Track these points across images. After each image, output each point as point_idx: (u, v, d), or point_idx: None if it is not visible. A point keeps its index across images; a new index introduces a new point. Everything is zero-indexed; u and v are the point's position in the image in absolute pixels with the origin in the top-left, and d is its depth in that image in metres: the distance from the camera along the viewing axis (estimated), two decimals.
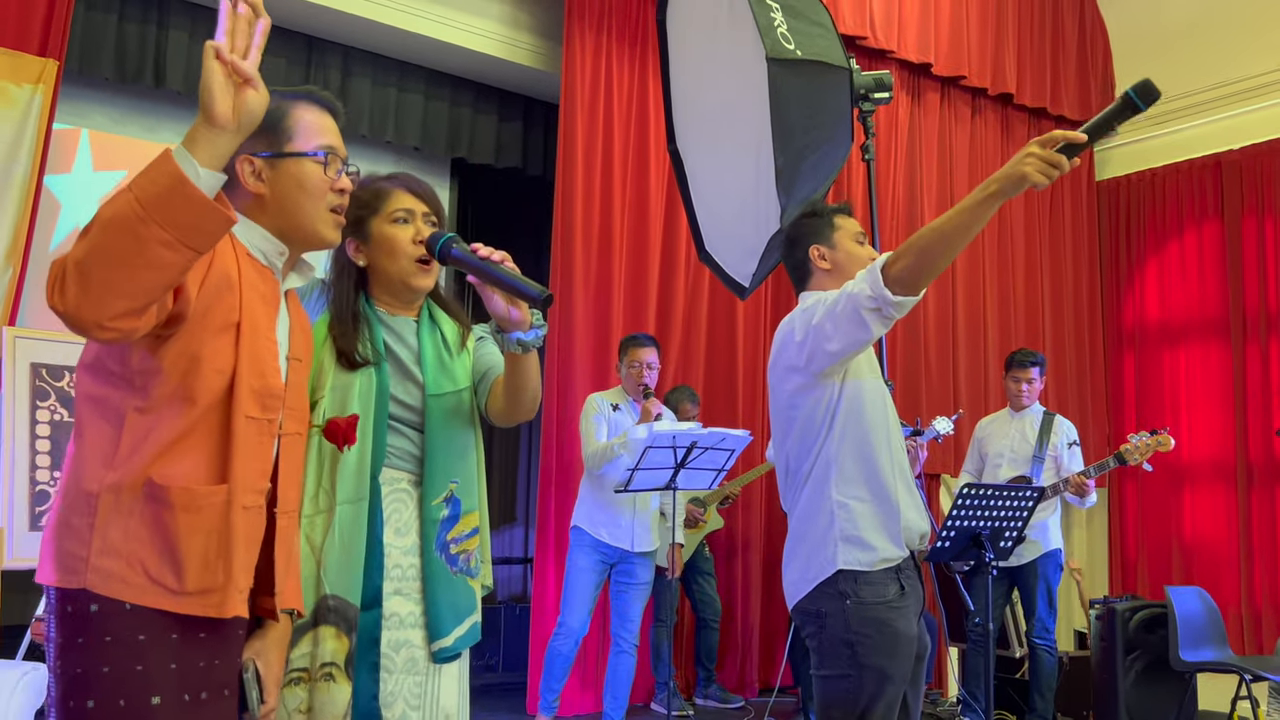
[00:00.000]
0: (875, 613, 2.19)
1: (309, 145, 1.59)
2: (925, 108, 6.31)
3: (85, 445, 1.45)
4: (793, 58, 2.70)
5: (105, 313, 1.28)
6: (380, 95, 5.35)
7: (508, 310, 1.82)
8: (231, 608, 1.46)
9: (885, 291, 2.05)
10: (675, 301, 5.38)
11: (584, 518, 4.25)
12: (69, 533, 1.43)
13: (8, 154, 3.71)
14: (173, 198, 1.28)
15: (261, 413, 1.52)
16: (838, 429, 2.26)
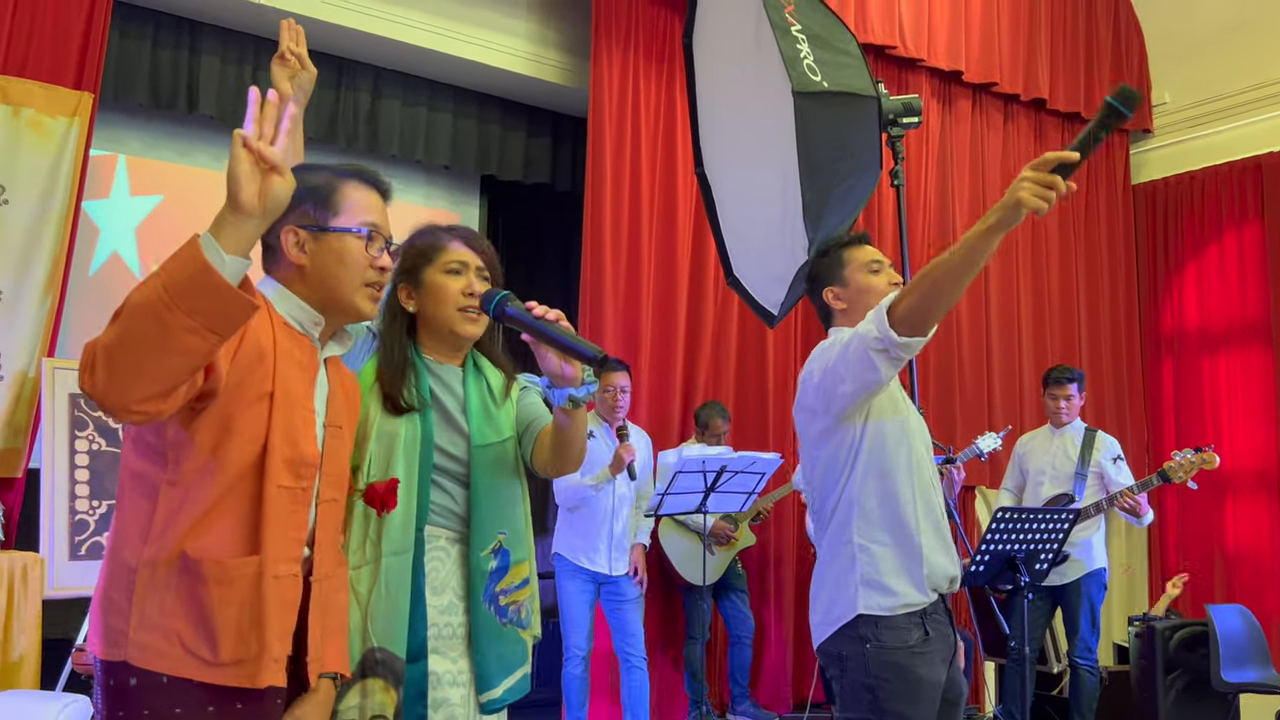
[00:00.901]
0: (896, 658, 2.15)
1: (354, 222, 1.63)
2: (956, 116, 6.25)
3: (124, 519, 1.49)
4: (820, 90, 2.68)
5: (131, 396, 1.31)
6: (410, 115, 5.38)
7: (560, 367, 1.83)
8: (266, 678, 1.48)
9: (890, 332, 2.02)
10: (705, 317, 5.36)
11: (563, 545, 4.38)
12: (111, 606, 1.46)
13: (45, 187, 3.77)
14: (198, 286, 1.30)
15: (295, 481, 1.54)
16: (859, 471, 2.23)
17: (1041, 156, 1.84)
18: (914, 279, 2.03)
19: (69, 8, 3.85)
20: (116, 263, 5.12)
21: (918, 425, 2.34)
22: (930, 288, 1.97)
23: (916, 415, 2.39)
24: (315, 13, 4.71)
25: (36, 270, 3.73)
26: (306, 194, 1.61)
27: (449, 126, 5.49)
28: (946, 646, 2.25)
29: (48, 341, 3.75)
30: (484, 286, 1.97)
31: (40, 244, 3.74)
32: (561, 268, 6.12)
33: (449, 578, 1.92)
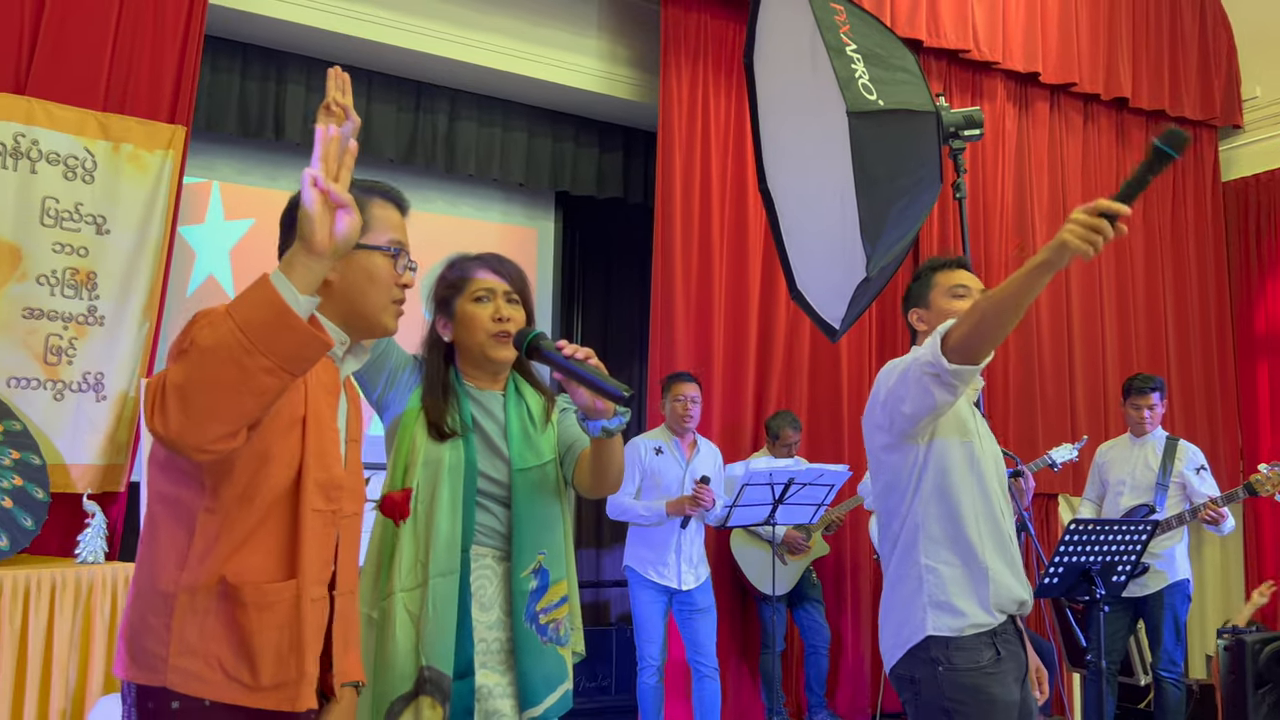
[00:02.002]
0: (970, 679, 2.16)
1: (382, 240, 1.64)
2: (1034, 118, 6.16)
3: (159, 545, 1.49)
4: (875, 109, 2.71)
5: (206, 437, 1.32)
6: (486, 135, 5.53)
7: (592, 401, 1.89)
8: (305, 701, 1.50)
9: (942, 360, 2.05)
10: (776, 326, 5.39)
11: (634, 558, 4.40)
12: (147, 631, 1.46)
13: (143, 216, 3.98)
14: (276, 328, 1.31)
15: (326, 504, 1.55)
16: (924, 492, 2.24)
17: (1094, 202, 1.86)
18: (967, 309, 2.06)
19: (164, 46, 4.06)
20: (212, 284, 5.37)
21: (990, 450, 2.34)
22: (979, 320, 2.00)
23: (989, 437, 2.38)
24: (394, 40, 4.88)
25: (136, 296, 3.95)
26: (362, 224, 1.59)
27: (523, 145, 5.62)
28: (1019, 666, 2.24)
29: (146, 362, 3.96)
30: (512, 310, 2.04)
31: (139, 271, 3.96)
32: (637, 280, 6.20)
33: (496, 595, 2.00)
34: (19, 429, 3.55)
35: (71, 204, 3.83)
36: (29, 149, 3.75)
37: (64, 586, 3.25)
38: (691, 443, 4.48)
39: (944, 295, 2.40)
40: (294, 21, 4.68)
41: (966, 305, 2.36)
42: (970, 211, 5.88)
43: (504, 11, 5.16)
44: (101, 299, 3.88)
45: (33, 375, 3.73)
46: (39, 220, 3.77)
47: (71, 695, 3.25)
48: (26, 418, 3.64)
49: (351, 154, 1.44)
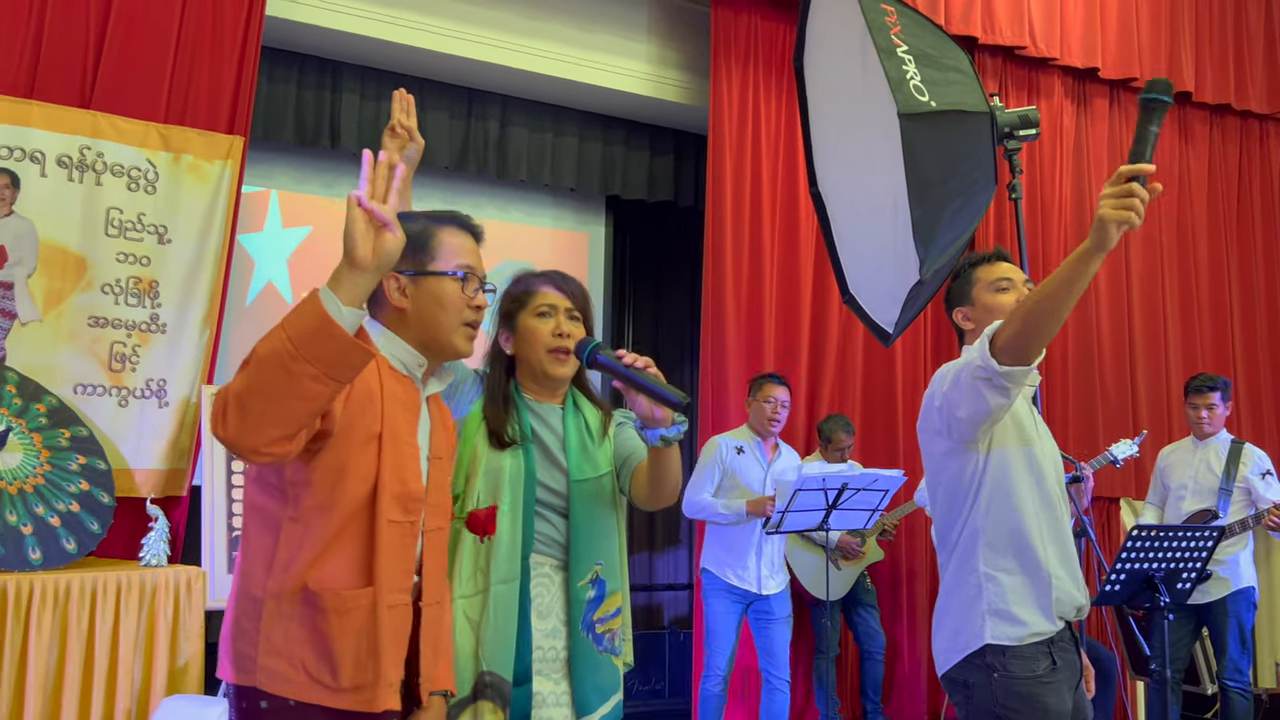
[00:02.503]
0: (1024, 687, 2.12)
1: (449, 265, 1.72)
2: (1093, 114, 6.04)
3: (250, 553, 1.60)
4: (926, 110, 2.67)
5: (261, 440, 1.41)
6: (536, 141, 5.56)
7: (651, 410, 1.90)
8: (382, 703, 1.57)
9: (992, 362, 2.00)
10: (829, 329, 5.35)
11: (711, 560, 4.32)
12: (241, 634, 1.57)
13: (203, 226, 4.07)
14: (320, 336, 1.40)
15: (404, 515, 1.63)
16: (983, 498, 2.20)
17: (1116, 171, 1.82)
18: (1014, 308, 2.01)
19: (222, 58, 4.15)
20: (271, 292, 5.46)
21: (1049, 451, 2.28)
22: (1028, 317, 1.95)
23: (1048, 437, 2.33)
24: (447, 47, 4.93)
25: (196, 304, 4.03)
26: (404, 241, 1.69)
27: (574, 150, 5.64)
28: (1073, 674, 2.20)
29: (207, 369, 4.04)
30: (572, 327, 2.07)
31: (199, 279, 4.04)
32: (688, 284, 6.20)
33: (553, 603, 2.02)
34: (85, 435, 3.64)
35: (134, 214, 3.93)
36: (94, 161, 3.85)
37: (129, 589, 3.33)
38: (774, 445, 4.43)
39: (987, 290, 2.35)
40: (348, 31, 4.74)
41: (1011, 299, 2.31)
42: (1028, 211, 5.78)
43: (555, 17, 5.18)
44: (163, 307, 3.97)
45: (98, 382, 3.82)
46: (103, 231, 3.87)
47: (136, 695, 3.33)
48: (92, 423, 3.74)
49: (403, 178, 1.51)
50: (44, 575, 3.17)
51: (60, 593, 3.19)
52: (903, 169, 2.71)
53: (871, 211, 3.16)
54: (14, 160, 3.72)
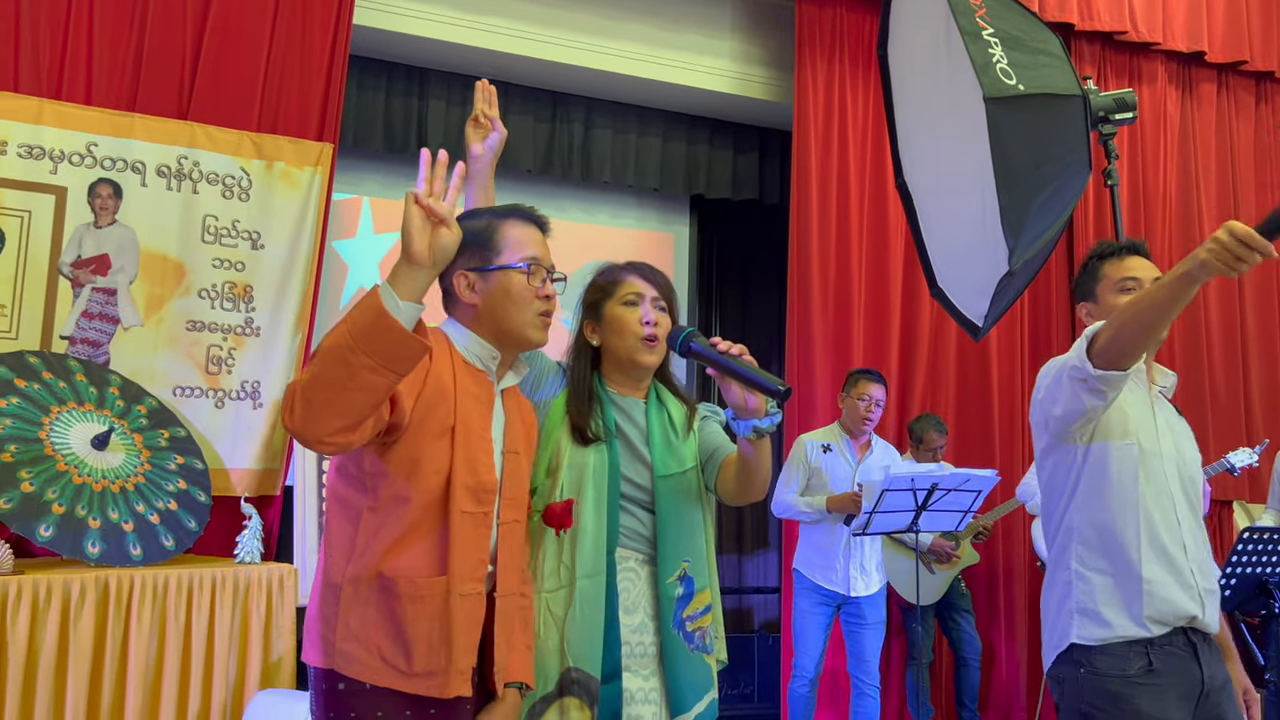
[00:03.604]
0: (1111, 685, 2.04)
1: (515, 258, 1.74)
2: (1200, 100, 5.78)
3: (332, 541, 1.65)
4: (1014, 94, 2.58)
5: (324, 430, 1.46)
6: (620, 142, 5.56)
7: (744, 399, 1.87)
8: (453, 689, 1.60)
9: (1087, 364, 1.96)
10: (920, 327, 5.22)
11: (802, 561, 4.26)
12: (322, 619, 1.63)
13: (294, 231, 4.17)
14: (377, 329, 1.44)
15: (476, 507, 1.66)
16: (1080, 496, 2.14)
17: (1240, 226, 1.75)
18: (1115, 312, 1.96)
19: (312, 68, 4.25)
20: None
21: (1173, 452, 2.18)
22: (1124, 326, 1.90)
23: (1177, 436, 2.23)
24: (531, 51, 4.97)
25: (289, 307, 4.13)
26: (471, 239, 1.72)
27: (658, 150, 5.63)
28: (1186, 683, 2.06)
29: (299, 371, 4.14)
30: (660, 316, 2.04)
31: (291, 283, 4.14)
32: (774, 282, 6.12)
33: (640, 598, 1.98)
34: (183, 435, 3.76)
35: (229, 221, 4.04)
36: (191, 170, 3.98)
37: (223, 585, 3.42)
38: (865, 443, 4.33)
39: (1111, 290, 2.26)
40: (435, 38, 4.81)
41: None
42: (1130, 201, 5.56)
43: (638, 18, 5.18)
44: (257, 311, 4.07)
45: (195, 384, 3.94)
46: (200, 238, 3.99)
47: (231, 689, 3.42)
48: (190, 424, 3.85)
49: (460, 175, 1.56)
50: (144, 571, 3.28)
51: (159, 588, 3.29)
52: (989, 156, 2.62)
53: (958, 202, 3.07)
54: (117, 171, 3.87)
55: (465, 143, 2.16)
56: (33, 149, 3.73)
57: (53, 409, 3.46)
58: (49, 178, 3.76)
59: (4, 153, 3.68)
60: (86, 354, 3.75)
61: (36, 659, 3.06)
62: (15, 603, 3.04)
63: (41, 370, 3.53)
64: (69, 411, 3.50)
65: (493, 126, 2.16)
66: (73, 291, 3.78)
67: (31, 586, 3.07)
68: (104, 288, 3.83)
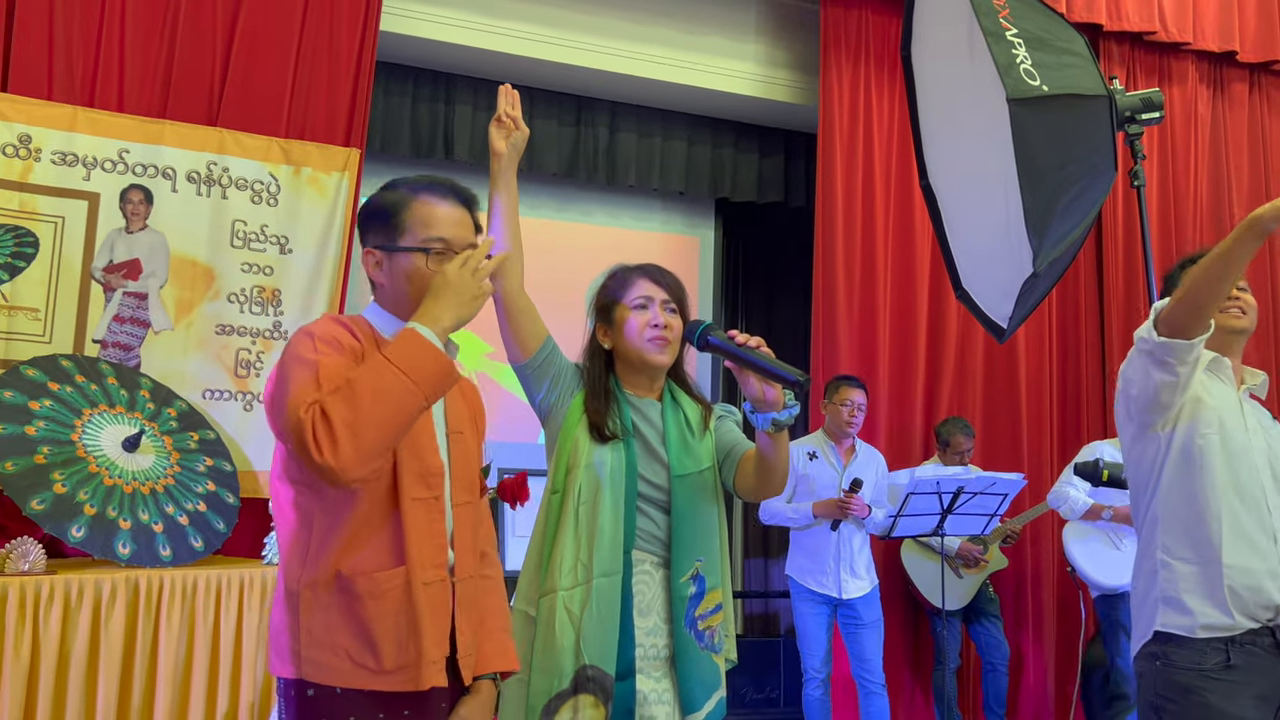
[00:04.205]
0: (1185, 679, 2.05)
1: (417, 240, 1.66)
2: (1231, 100, 5.72)
3: (286, 547, 1.61)
4: (1038, 95, 2.56)
5: (370, 467, 1.49)
6: (645, 146, 5.57)
7: (762, 391, 1.88)
8: (427, 680, 1.57)
9: (1152, 333, 2.01)
10: (947, 328, 5.19)
11: (794, 567, 4.31)
12: (284, 628, 1.58)
13: (322, 236, 4.21)
14: (444, 377, 1.53)
15: (426, 492, 1.63)
16: (1164, 484, 2.16)
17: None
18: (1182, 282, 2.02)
19: (339, 73, 4.29)
20: None
21: (1255, 444, 2.18)
22: (1188, 290, 1.97)
23: (1257, 436, 2.22)
24: (556, 56, 4.99)
25: (316, 311, 4.17)
26: (375, 214, 1.68)
27: (683, 153, 5.64)
28: (1267, 684, 2.05)
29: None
30: (670, 318, 2.05)
31: (318, 288, 4.18)
32: (800, 285, 6.10)
33: (654, 600, 2.00)
34: (212, 438, 3.80)
35: (258, 226, 4.09)
36: (220, 176, 4.03)
37: (251, 586, 3.45)
38: (850, 448, 4.36)
39: None
40: (460, 44, 4.85)
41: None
42: (1160, 202, 5.51)
43: (662, 22, 5.19)
44: (285, 315, 4.12)
45: (225, 387, 3.99)
46: (229, 242, 4.04)
47: (259, 689, 3.45)
48: (219, 427, 3.90)
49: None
50: (173, 571, 3.32)
51: (188, 588, 3.33)
52: (1013, 157, 2.60)
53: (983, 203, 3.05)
54: (148, 177, 3.92)
55: (489, 143, 2.19)
56: (66, 156, 3.79)
57: (85, 411, 3.51)
58: (82, 184, 3.82)
59: (38, 159, 3.74)
60: (118, 357, 3.81)
61: (69, 658, 3.10)
62: (48, 602, 3.08)
63: (74, 373, 3.59)
64: (100, 414, 3.55)
65: (515, 126, 2.19)
66: (104, 296, 3.83)
67: (64, 586, 3.12)
68: (135, 292, 3.88)
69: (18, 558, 3.15)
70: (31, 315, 3.71)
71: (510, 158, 2.15)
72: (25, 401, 3.40)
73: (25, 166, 3.73)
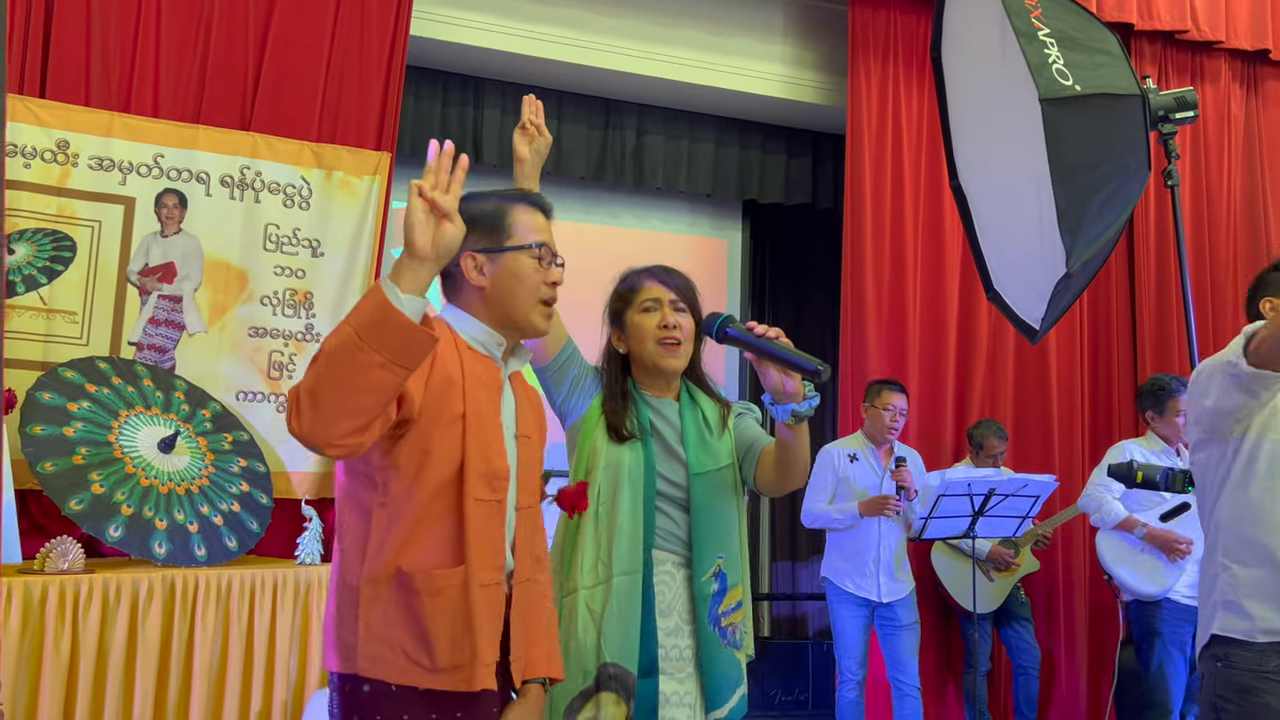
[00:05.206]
0: (1245, 680, 2.04)
1: (525, 241, 1.73)
2: (1265, 99, 5.65)
3: (345, 542, 1.62)
4: (1070, 94, 2.54)
5: (334, 432, 1.43)
6: (672, 148, 5.58)
7: (781, 383, 1.89)
8: (479, 682, 1.58)
9: (1241, 361, 1.98)
10: (978, 330, 5.16)
11: (830, 569, 4.27)
12: (341, 623, 1.59)
13: (353, 239, 4.25)
14: (383, 324, 1.41)
15: (490, 494, 1.63)
16: (1229, 489, 2.15)
17: None
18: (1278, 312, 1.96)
19: (370, 77, 4.33)
20: None
21: None
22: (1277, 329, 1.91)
23: None
24: (584, 59, 5.01)
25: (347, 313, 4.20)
26: (480, 221, 1.71)
27: (710, 156, 5.64)
28: None
29: None
30: (680, 318, 2.07)
31: (350, 290, 4.22)
32: (829, 286, 6.10)
33: (675, 601, 2.00)
34: (246, 439, 3.84)
35: (290, 229, 4.13)
36: (253, 180, 4.07)
37: (284, 586, 3.49)
38: (889, 451, 4.34)
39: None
40: (489, 48, 4.87)
41: None
42: (1193, 203, 5.46)
43: (690, 24, 5.20)
44: (317, 317, 4.16)
45: (258, 389, 4.03)
46: (262, 246, 4.08)
47: (293, 687, 3.48)
48: (253, 428, 3.94)
49: (463, 169, 1.53)
50: (208, 571, 3.36)
51: (223, 588, 3.37)
52: (1045, 157, 2.59)
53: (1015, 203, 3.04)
54: (182, 181, 3.97)
55: (513, 148, 2.24)
56: (103, 161, 3.85)
57: (121, 413, 3.56)
58: (118, 189, 3.87)
59: (76, 165, 3.80)
60: (153, 359, 3.86)
61: (107, 655, 3.15)
62: (87, 601, 3.13)
63: (111, 375, 3.64)
64: (137, 415, 3.60)
65: (539, 133, 2.23)
66: (140, 299, 3.88)
67: (102, 585, 3.16)
68: (170, 295, 3.93)
69: (57, 557, 3.20)
70: (69, 318, 3.77)
71: (533, 163, 2.20)
72: (64, 403, 3.45)
73: (63, 171, 3.79)
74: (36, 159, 3.75)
